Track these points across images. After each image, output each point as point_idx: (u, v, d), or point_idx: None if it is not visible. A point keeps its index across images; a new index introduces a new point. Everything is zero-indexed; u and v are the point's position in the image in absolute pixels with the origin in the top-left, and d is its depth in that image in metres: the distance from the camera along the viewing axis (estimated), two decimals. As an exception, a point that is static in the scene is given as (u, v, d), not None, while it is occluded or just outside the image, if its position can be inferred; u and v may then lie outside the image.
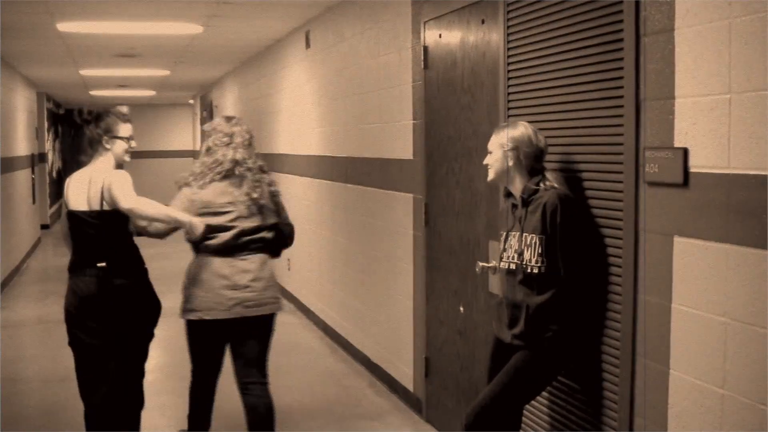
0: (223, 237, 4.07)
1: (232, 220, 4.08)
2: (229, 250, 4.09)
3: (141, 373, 4.31)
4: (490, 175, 3.46)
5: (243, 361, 4.22)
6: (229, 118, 4.32)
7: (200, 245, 4.11)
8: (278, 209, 4.26)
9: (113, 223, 3.99)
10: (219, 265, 4.09)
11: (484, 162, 3.48)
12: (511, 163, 3.34)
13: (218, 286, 4.06)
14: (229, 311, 4.07)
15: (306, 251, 8.20)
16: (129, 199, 3.86)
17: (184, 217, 3.98)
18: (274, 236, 4.24)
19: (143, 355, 4.28)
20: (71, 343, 4.12)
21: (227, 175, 4.10)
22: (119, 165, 4.16)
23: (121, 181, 3.92)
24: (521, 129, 3.36)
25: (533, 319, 3.23)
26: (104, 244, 4.01)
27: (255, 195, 4.10)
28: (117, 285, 4.00)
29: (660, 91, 2.84)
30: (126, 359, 4.16)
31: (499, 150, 3.38)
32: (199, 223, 3.99)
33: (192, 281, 4.13)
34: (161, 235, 4.16)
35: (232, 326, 4.14)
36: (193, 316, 4.13)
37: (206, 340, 4.23)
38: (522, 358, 3.28)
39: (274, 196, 4.23)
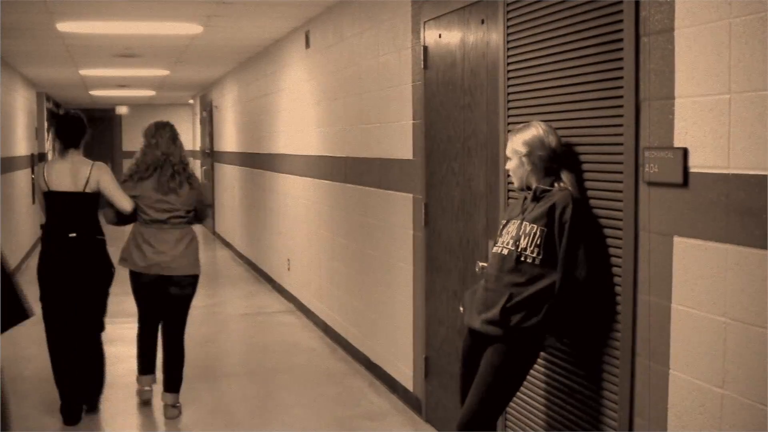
0: (150, 213, 5.22)
1: (154, 202, 5.21)
2: (155, 223, 5.22)
3: (101, 326, 5.29)
4: (515, 183, 3.49)
5: (166, 314, 5.37)
6: (157, 125, 5.41)
7: (137, 218, 5.29)
8: (197, 193, 5.37)
9: (88, 202, 5.10)
10: (148, 233, 5.23)
11: (506, 167, 3.53)
12: (529, 169, 3.36)
13: (145, 249, 5.21)
14: (149, 268, 5.20)
15: (305, 251, 8.20)
16: (126, 204, 5.17)
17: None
18: (194, 215, 5.39)
19: (102, 310, 5.26)
20: (41, 298, 5.11)
21: (155, 168, 5.23)
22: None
23: (112, 181, 5.14)
24: (533, 131, 3.36)
25: (513, 308, 3.23)
26: (77, 218, 5.09)
27: (172, 185, 5.21)
28: (82, 250, 5.07)
29: (660, 91, 2.84)
30: (88, 313, 5.17)
31: (515, 157, 3.40)
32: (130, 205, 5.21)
33: (129, 242, 5.32)
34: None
35: (156, 281, 5.24)
36: (123, 264, 5.32)
37: (141, 290, 5.36)
38: (499, 355, 3.28)
39: (191, 184, 5.31)
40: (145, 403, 5.53)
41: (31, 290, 5.47)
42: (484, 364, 3.32)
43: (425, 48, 4.97)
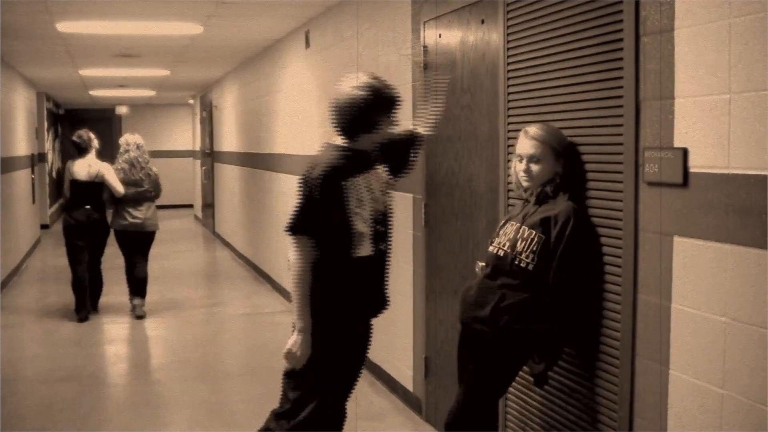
0: (127, 194, 8.10)
1: (131, 187, 8.12)
2: (132, 200, 8.14)
3: (99, 263, 8.35)
4: (528, 187, 3.31)
5: (138, 255, 8.40)
6: (129, 139, 8.34)
7: (119, 198, 8.17)
8: (154, 183, 8.25)
9: (96, 188, 8.04)
10: (127, 207, 8.14)
11: (523, 170, 3.31)
12: (561, 170, 3.26)
13: (125, 215, 8.14)
14: (127, 227, 8.16)
15: (306, 251, 8.19)
16: (120, 188, 8.06)
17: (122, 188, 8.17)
18: (153, 195, 8.28)
19: (100, 254, 8.34)
20: (67, 245, 8.19)
21: (130, 166, 8.20)
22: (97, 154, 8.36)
23: (113, 174, 8.08)
24: (557, 129, 3.30)
25: (504, 309, 3.22)
26: (90, 197, 8.04)
27: (138, 177, 8.17)
28: (93, 217, 8.05)
29: (660, 91, 2.84)
30: (94, 256, 8.26)
31: (550, 156, 3.25)
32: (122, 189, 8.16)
33: (114, 213, 8.22)
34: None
35: (132, 235, 8.26)
36: (115, 226, 8.21)
37: (123, 242, 8.36)
38: (487, 354, 3.27)
39: (150, 176, 8.22)
40: (138, 317, 8.17)
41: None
42: (474, 362, 3.31)
43: (425, 48, 4.97)
